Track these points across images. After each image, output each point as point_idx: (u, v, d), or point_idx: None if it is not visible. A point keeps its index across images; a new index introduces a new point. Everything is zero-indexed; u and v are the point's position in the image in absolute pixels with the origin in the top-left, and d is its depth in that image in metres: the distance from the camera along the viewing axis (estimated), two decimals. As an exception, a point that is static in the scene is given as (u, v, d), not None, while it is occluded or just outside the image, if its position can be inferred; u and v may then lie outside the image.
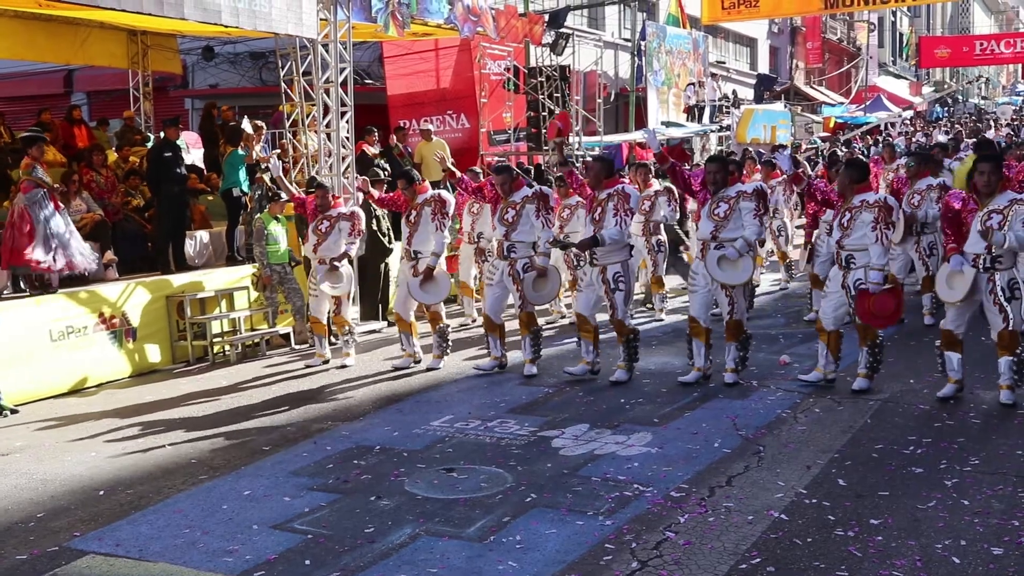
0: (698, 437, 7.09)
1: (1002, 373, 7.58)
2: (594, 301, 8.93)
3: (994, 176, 7.42)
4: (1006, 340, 7.49)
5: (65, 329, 9.54)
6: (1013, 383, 7.55)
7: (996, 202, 7.38)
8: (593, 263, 8.75)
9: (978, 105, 59.38)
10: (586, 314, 8.92)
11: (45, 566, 5.20)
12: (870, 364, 8.15)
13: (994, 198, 7.40)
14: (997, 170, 7.48)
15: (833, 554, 4.97)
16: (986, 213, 7.38)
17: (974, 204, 7.53)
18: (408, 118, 18.66)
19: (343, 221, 10.01)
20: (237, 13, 10.39)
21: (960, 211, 7.63)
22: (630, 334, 8.85)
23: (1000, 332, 7.49)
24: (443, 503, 5.93)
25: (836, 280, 8.19)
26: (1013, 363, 7.52)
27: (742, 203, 8.40)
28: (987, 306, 7.51)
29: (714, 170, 8.54)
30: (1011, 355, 7.51)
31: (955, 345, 7.75)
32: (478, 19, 14.98)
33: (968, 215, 7.53)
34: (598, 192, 8.71)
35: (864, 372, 8.16)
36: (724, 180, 8.51)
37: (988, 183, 7.42)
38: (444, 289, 9.60)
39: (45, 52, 14.42)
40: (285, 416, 8.24)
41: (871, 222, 7.86)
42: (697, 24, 31.84)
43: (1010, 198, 7.38)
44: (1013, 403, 7.50)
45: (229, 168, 12.72)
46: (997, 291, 7.40)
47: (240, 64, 22.63)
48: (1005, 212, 7.30)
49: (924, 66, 56.69)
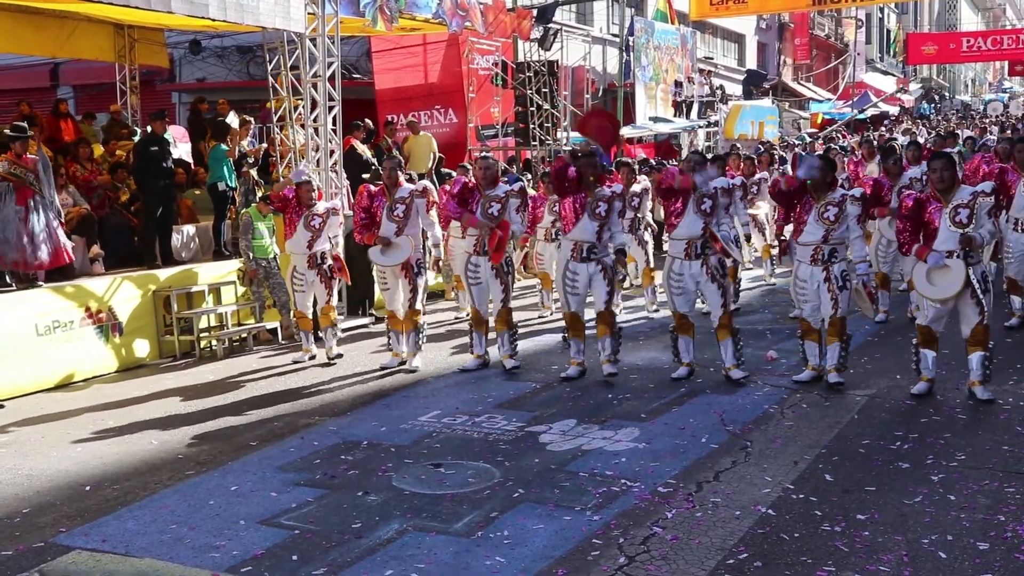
0: (685, 432, 7.10)
1: (973, 370, 7.65)
2: (584, 300, 8.95)
3: (947, 172, 7.55)
4: (980, 335, 7.56)
5: (51, 324, 9.49)
6: (985, 378, 7.61)
7: (959, 197, 7.50)
8: (591, 258, 8.73)
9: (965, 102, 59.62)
10: (580, 313, 8.92)
11: (31, 562, 5.18)
12: (842, 359, 8.22)
13: (955, 193, 7.52)
14: (949, 166, 7.61)
15: (820, 549, 4.98)
16: (952, 209, 7.47)
17: (936, 202, 7.58)
18: (396, 113, 18.63)
19: (332, 216, 10.01)
20: (225, 7, 10.36)
21: (921, 210, 7.66)
22: (616, 326, 8.91)
23: (975, 328, 7.54)
24: (430, 498, 5.93)
25: (813, 280, 8.15)
26: (985, 358, 7.59)
27: (720, 199, 8.58)
28: (962, 301, 7.54)
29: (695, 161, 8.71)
30: (984, 350, 7.58)
31: (932, 343, 7.81)
32: (466, 14, 14.98)
33: (933, 214, 7.57)
34: (595, 188, 8.68)
35: (836, 366, 8.20)
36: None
37: (942, 179, 7.54)
38: (405, 251, 9.35)
39: (31, 45, 14.34)
40: (272, 411, 8.22)
41: (857, 215, 7.98)
42: (685, 20, 31.87)
43: (971, 192, 7.53)
44: (992, 397, 7.54)
45: (213, 162, 12.70)
46: (973, 284, 7.45)
47: (227, 58, 22.54)
48: (970, 205, 7.43)
49: (911, 63, 56.86)
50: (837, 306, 8.06)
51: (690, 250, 8.48)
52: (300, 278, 9.99)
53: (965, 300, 7.52)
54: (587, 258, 8.72)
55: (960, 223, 7.43)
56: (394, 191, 9.42)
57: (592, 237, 8.66)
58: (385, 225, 9.36)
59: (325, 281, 9.99)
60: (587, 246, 8.69)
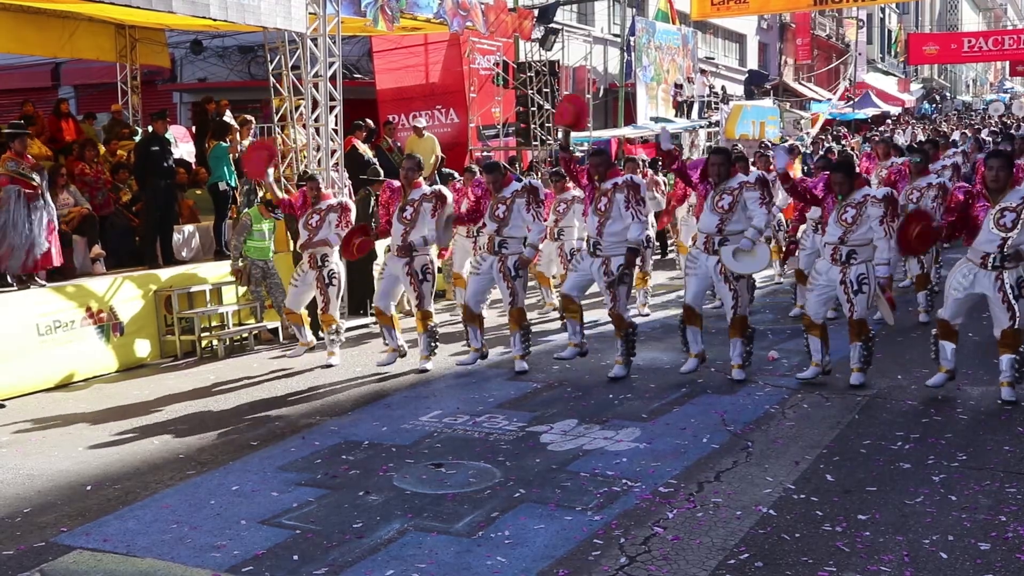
0: (686, 433, 7.09)
1: (1003, 370, 7.55)
2: (582, 284, 8.93)
3: (1003, 172, 7.41)
4: (1010, 339, 7.46)
5: (52, 324, 9.49)
6: (1014, 380, 7.54)
7: (1008, 199, 7.36)
8: (596, 253, 8.69)
9: (966, 102, 59.57)
10: (573, 294, 8.90)
11: (32, 562, 5.18)
12: (864, 358, 8.18)
13: (1005, 194, 7.38)
14: (1007, 167, 7.47)
15: (821, 549, 4.98)
16: (999, 211, 7.35)
17: (985, 201, 7.50)
18: (397, 113, 18.64)
19: (331, 213, 9.90)
20: (226, 7, 10.36)
21: (970, 205, 7.61)
22: (629, 328, 8.81)
23: (1005, 330, 7.45)
24: (431, 498, 5.93)
25: (824, 274, 8.19)
26: (1015, 360, 7.50)
27: (746, 193, 8.42)
28: (994, 304, 7.46)
29: (717, 162, 8.55)
30: (1014, 353, 7.49)
31: (951, 335, 7.76)
32: (467, 14, 14.96)
33: (980, 211, 7.50)
34: (602, 183, 8.69)
35: (859, 367, 8.18)
36: (727, 172, 8.52)
37: (996, 179, 7.40)
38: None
39: (32, 45, 14.33)
40: (273, 411, 8.21)
41: (879, 216, 7.87)
42: (686, 20, 31.88)
43: (1021, 196, 7.35)
44: (1015, 400, 7.50)
45: (214, 162, 12.70)
46: (1006, 289, 7.36)
47: (229, 58, 22.56)
48: (1018, 210, 7.28)
49: (912, 63, 56.89)
50: (853, 309, 8.03)
51: (708, 245, 8.48)
52: (299, 275, 9.93)
53: (996, 304, 7.45)
54: (593, 253, 8.72)
55: (1004, 227, 7.30)
56: (409, 192, 9.36)
57: (596, 233, 8.66)
58: (395, 226, 9.34)
59: (321, 287, 9.83)
60: (593, 241, 8.71)
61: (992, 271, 7.40)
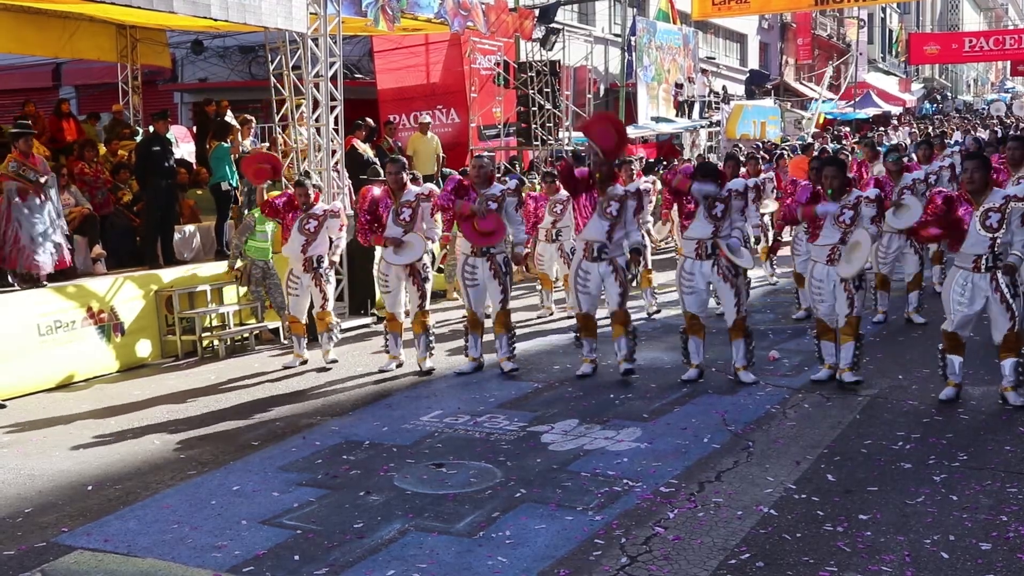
0: (687, 432, 7.09)
1: (1007, 375, 7.51)
2: (597, 302, 8.96)
3: (978, 174, 7.41)
4: (1012, 342, 7.42)
5: (53, 324, 9.49)
6: (1019, 383, 7.50)
7: (991, 200, 7.36)
8: (602, 257, 8.69)
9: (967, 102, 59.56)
10: (592, 313, 8.92)
11: (33, 562, 5.18)
12: (856, 357, 8.20)
13: (986, 195, 7.39)
14: (982, 167, 7.47)
15: (822, 549, 4.98)
16: (983, 212, 7.34)
17: (967, 204, 7.49)
18: (398, 112, 18.64)
19: (331, 218, 9.84)
20: (226, 7, 10.35)
21: (952, 208, 7.60)
22: (631, 324, 8.88)
23: (1006, 334, 7.40)
24: (432, 498, 5.93)
25: (829, 280, 8.17)
26: (1019, 364, 7.47)
27: (734, 202, 8.48)
28: (994, 307, 7.43)
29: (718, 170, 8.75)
30: (1016, 356, 7.45)
31: (958, 349, 7.68)
32: (468, 14, 14.98)
33: (964, 215, 7.48)
34: (609, 188, 8.64)
35: (850, 366, 8.18)
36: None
37: (972, 180, 7.41)
38: (418, 249, 9.28)
39: (33, 45, 14.36)
40: (274, 411, 8.22)
41: (872, 216, 8.03)
42: (687, 20, 31.88)
43: (1003, 196, 7.37)
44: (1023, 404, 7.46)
45: (215, 162, 12.70)
46: (1003, 289, 7.35)
47: (229, 58, 22.55)
48: (1001, 210, 7.30)
49: (913, 63, 56.84)
50: (853, 305, 8.05)
51: (700, 250, 8.47)
52: (295, 282, 9.82)
53: (995, 306, 7.41)
54: (598, 258, 8.69)
55: (990, 227, 7.30)
56: (400, 194, 9.29)
57: (602, 236, 8.63)
58: (391, 229, 9.24)
59: (320, 285, 9.79)
60: (598, 246, 8.66)
61: (986, 272, 7.39)
